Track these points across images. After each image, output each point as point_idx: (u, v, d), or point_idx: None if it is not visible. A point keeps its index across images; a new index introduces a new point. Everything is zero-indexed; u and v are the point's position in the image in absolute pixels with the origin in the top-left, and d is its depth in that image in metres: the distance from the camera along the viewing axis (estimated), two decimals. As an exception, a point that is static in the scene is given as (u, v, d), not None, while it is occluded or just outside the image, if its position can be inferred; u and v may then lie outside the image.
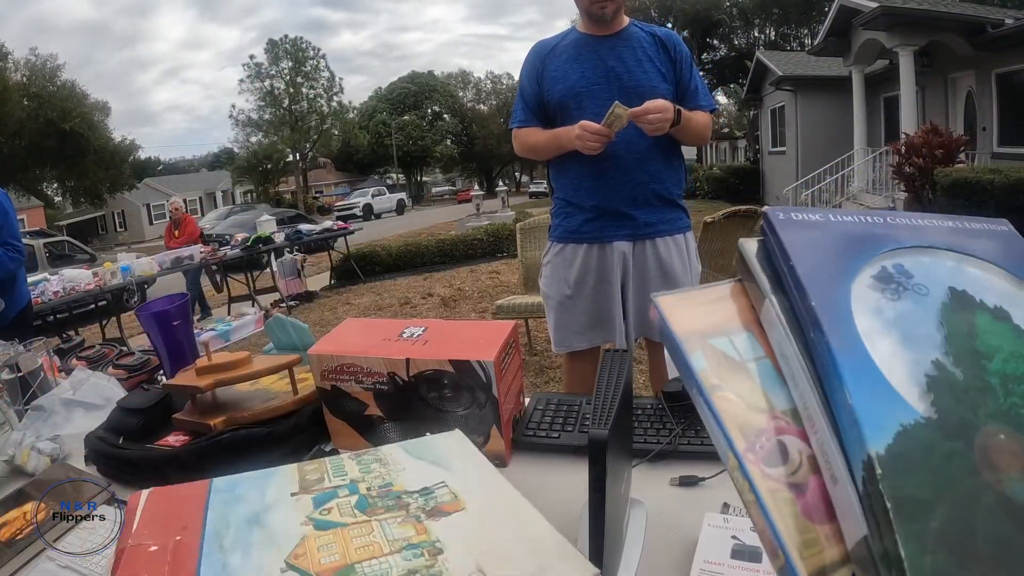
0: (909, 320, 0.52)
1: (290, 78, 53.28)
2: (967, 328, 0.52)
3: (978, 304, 0.54)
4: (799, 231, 0.59)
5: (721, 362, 0.61)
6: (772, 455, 0.56)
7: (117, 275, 8.32)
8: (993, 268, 0.58)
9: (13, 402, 1.88)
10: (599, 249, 2.73)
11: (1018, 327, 0.53)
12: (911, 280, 0.55)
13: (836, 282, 0.54)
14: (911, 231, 0.60)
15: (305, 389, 1.52)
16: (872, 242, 0.58)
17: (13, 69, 35.27)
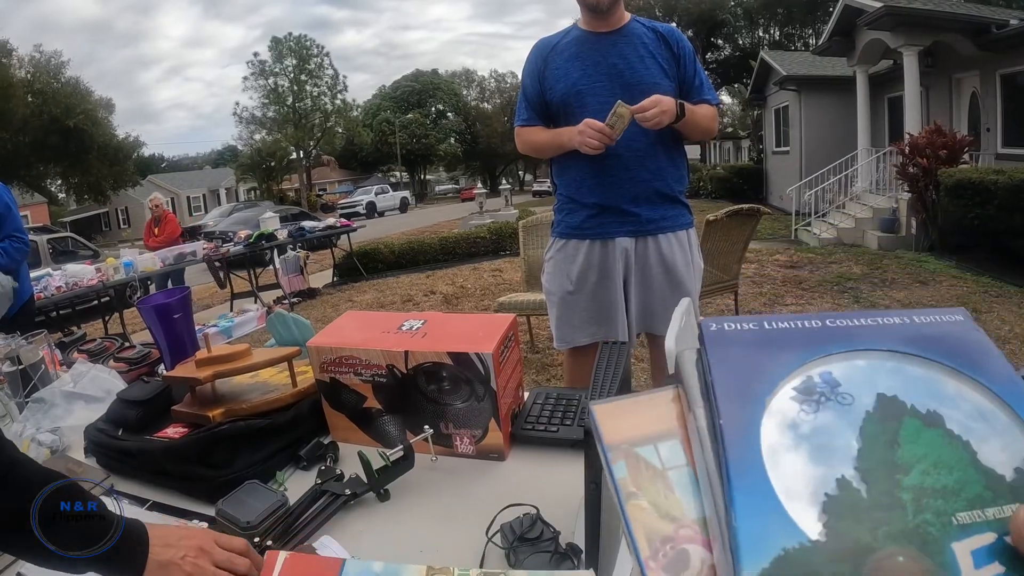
0: (825, 434, 0.52)
1: (294, 76, 53.31)
2: (889, 438, 0.52)
3: (908, 410, 0.54)
4: (727, 345, 0.61)
5: (642, 471, 0.63)
6: (673, 563, 0.58)
7: (120, 271, 8.33)
8: (937, 367, 0.58)
9: (14, 394, 1.89)
10: (601, 245, 2.73)
11: (950, 432, 0.52)
12: (837, 389, 0.55)
13: (750, 399, 0.55)
14: (848, 334, 0.61)
15: (304, 382, 1.52)
16: (803, 348, 0.59)
17: (17, 66, 35.31)
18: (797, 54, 24.25)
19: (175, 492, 1.36)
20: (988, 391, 0.56)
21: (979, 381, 0.56)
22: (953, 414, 0.53)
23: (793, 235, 14.21)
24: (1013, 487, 0.48)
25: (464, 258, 13.36)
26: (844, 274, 8.94)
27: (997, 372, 0.57)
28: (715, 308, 7.13)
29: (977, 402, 0.55)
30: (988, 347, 0.61)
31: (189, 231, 25.53)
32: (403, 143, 58.93)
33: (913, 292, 7.71)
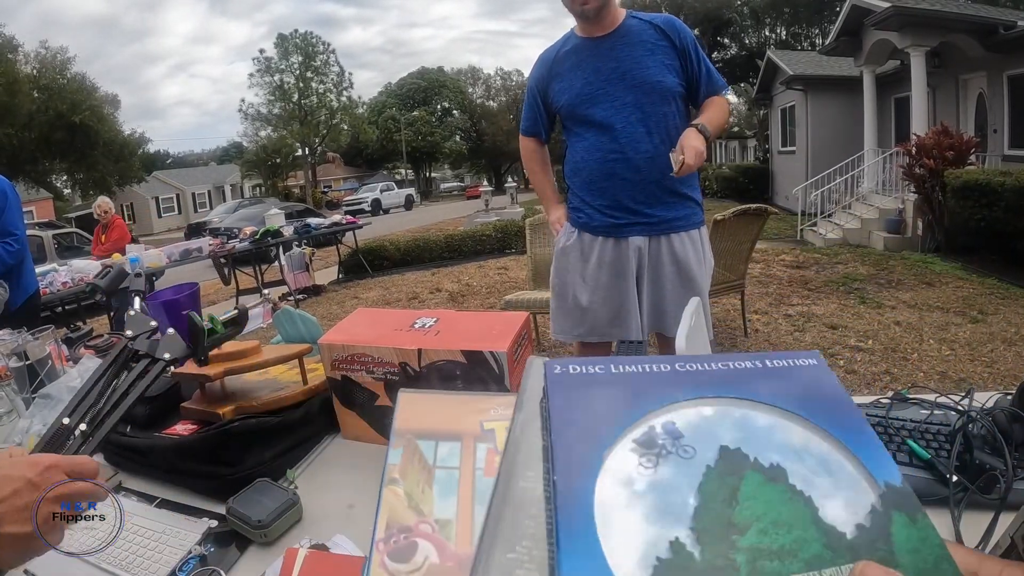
0: (662, 491, 0.51)
1: (300, 73, 53.31)
2: (728, 493, 0.51)
3: (751, 464, 0.53)
4: (571, 390, 0.59)
5: (414, 462, 0.68)
6: (400, 551, 0.64)
7: (125, 266, 8.31)
8: (787, 416, 0.57)
9: (20, 390, 1.88)
10: (614, 243, 2.75)
11: (792, 488, 0.51)
12: (679, 441, 0.54)
13: (587, 453, 0.53)
14: (699, 380, 0.60)
15: (315, 379, 1.51)
16: (648, 396, 0.58)
17: (23, 62, 35.32)
18: (804, 54, 24.23)
19: (184, 490, 1.35)
20: (836, 441, 0.55)
21: (825, 430, 0.56)
22: (797, 468, 0.53)
23: (799, 235, 14.19)
24: (853, 545, 0.48)
25: (470, 256, 13.36)
26: (850, 275, 8.91)
27: (846, 421, 0.57)
28: (721, 308, 7.12)
29: (824, 453, 0.54)
30: (839, 394, 0.60)
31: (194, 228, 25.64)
32: (408, 140, 58.92)
33: (919, 293, 7.68)
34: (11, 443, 1.56)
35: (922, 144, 10.78)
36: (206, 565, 1.11)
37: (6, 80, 30.88)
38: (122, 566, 1.11)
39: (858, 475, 0.52)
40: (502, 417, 0.72)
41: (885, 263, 9.69)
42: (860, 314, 6.89)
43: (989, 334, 5.94)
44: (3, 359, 1.95)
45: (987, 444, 1.08)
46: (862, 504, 0.50)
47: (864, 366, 5.32)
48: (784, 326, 6.60)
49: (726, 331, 6.54)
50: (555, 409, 0.57)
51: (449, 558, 0.60)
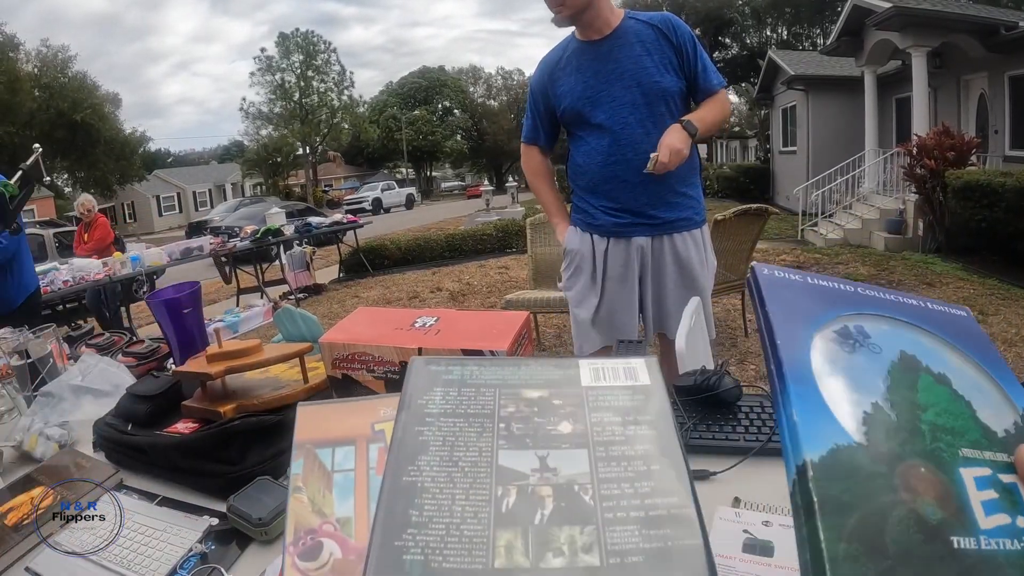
0: (859, 370, 0.59)
1: (301, 71, 53.35)
2: (910, 383, 0.59)
3: (923, 368, 0.61)
4: (779, 287, 0.67)
5: (315, 470, 0.75)
6: (309, 551, 0.72)
7: (126, 265, 8.33)
8: (944, 342, 0.65)
9: (22, 388, 1.89)
10: (615, 242, 2.75)
11: (955, 392, 0.60)
12: (868, 339, 0.62)
13: (800, 328, 0.62)
14: (877, 302, 0.68)
15: (315, 378, 1.52)
16: (839, 304, 0.66)
17: (25, 60, 35.35)
18: (805, 54, 24.23)
19: (185, 488, 1.36)
20: (982, 370, 0.64)
21: (975, 360, 0.64)
22: (957, 380, 0.61)
23: (799, 235, 14.20)
24: (1003, 441, 0.57)
25: (470, 255, 13.38)
26: (850, 275, 8.91)
27: (990, 359, 0.65)
28: (721, 308, 7.12)
29: (975, 377, 0.63)
30: (984, 337, 0.69)
31: (195, 226, 25.64)
32: (409, 140, 58.93)
33: (919, 293, 7.66)
34: (13, 441, 1.57)
35: (923, 144, 10.78)
36: (207, 563, 1.11)
37: (7, 78, 30.90)
38: (123, 564, 1.12)
39: (1001, 399, 0.61)
40: (391, 417, 0.76)
41: (886, 263, 9.70)
42: (860, 314, 6.89)
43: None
44: (5, 357, 1.95)
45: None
46: (1007, 416, 0.59)
47: (864, 366, 5.31)
48: (784, 326, 6.59)
49: (726, 331, 6.55)
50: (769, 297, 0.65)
51: (351, 551, 0.67)
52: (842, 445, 0.52)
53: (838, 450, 0.52)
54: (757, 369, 5.36)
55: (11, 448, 1.56)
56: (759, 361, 5.58)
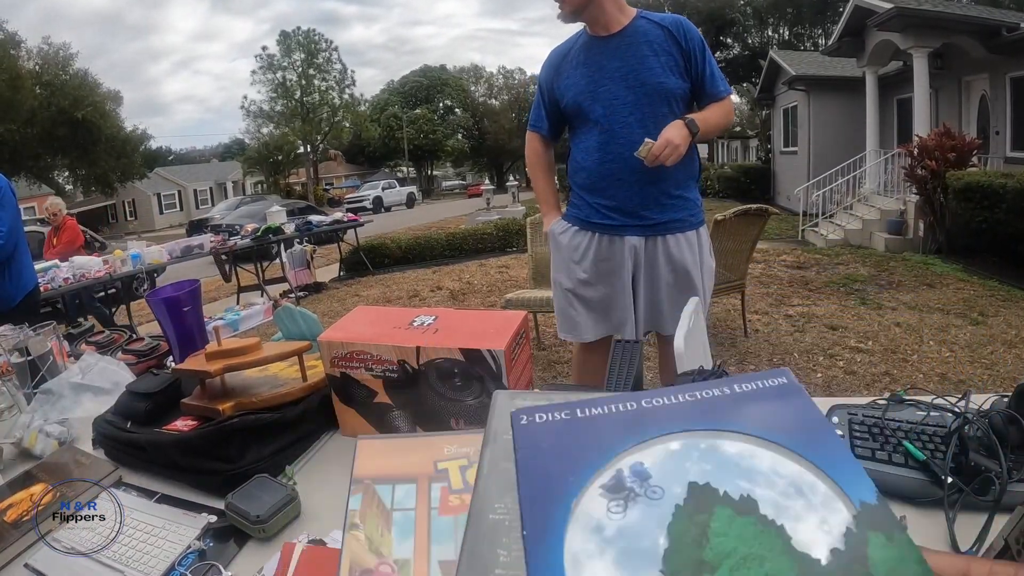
0: (631, 535, 0.50)
1: (302, 70, 53.36)
2: (698, 533, 0.50)
3: (720, 498, 0.52)
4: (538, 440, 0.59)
5: (373, 507, 0.72)
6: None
7: (127, 263, 8.34)
8: (754, 441, 0.56)
9: (22, 385, 1.89)
10: (609, 241, 2.76)
11: (763, 518, 0.51)
12: (647, 483, 0.54)
13: (556, 503, 0.53)
14: (663, 416, 0.60)
15: (314, 376, 1.52)
16: (614, 441, 0.57)
17: (26, 57, 35.36)
18: (807, 54, 24.24)
19: (184, 485, 1.36)
20: (807, 462, 0.54)
21: (797, 453, 0.55)
22: (768, 494, 0.52)
23: (800, 236, 14.20)
24: (828, 571, 0.47)
25: (471, 254, 13.40)
26: (851, 275, 8.92)
27: (818, 440, 0.56)
28: (721, 308, 7.12)
29: (794, 475, 0.54)
30: (810, 413, 0.59)
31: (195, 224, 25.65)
32: (410, 138, 58.94)
33: (919, 294, 7.69)
34: (12, 438, 1.57)
35: (924, 145, 10.79)
36: (205, 560, 1.11)
37: (8, 76, 30.92)
38: (121, 561, 1.12)
39: (831, 494, 0.52)
40: (456, 456, 0.75)
41: (886, 264, 9.70)
42: (860, 315, 6.90)
43: (989, 336, 5.94)
44: (5, 354, 1.95)
45: (983, 446, 1.08)
46: (836, 525, 0.50)
47: (864, 367, 5.33)
48: (784, 326, 6.61)
49: (726, 331, 6.55)
50: (522, 464, 0.57)
51: None
52: None
53: None
54: (756, 369, 5.36)
55: (11, 445, 1.56)
56: (758, 361, 5.59)
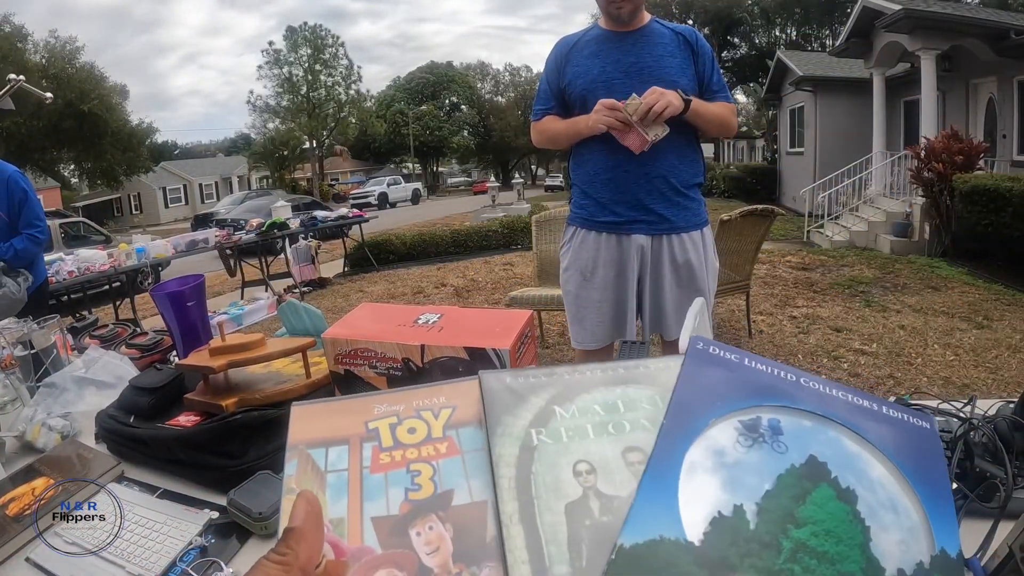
0: (744, 468, 0.57)
1: (308, 65, 53.37)
2: (799, 493, 0.56)
3: (830, 478, 0.58)
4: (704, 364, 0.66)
5: (308, 471, 0.72)
6: None
7: (132, 256, 8.36)
8: (879, 456, 0.61)
9: (25, 378, 1.89)
10: (616, 240, 2.75)
11: (856, 512, 0.56)
12: (777, 437, 0.60)
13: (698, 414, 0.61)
14: (814, 397, 0.65)
15: (318, 373, 1.52)
16: (764, 393, 0.64)
17: (33, 51, 35.38)
18: (814, 55, 24.20)
19: (186, 481, 1.36)
20: (912, 494, 0.59)
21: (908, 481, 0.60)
22: (868, 497, 0.57)
23: (805, 237, 14.19)
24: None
25: (475, 251, 13.42)
26: (856, 277, 8.91)
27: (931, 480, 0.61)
28: (726, 308, 7.12)
29: (896, 494, 0.59)
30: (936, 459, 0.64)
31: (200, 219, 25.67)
32: (416, 135, 58.92)
33: (925, 297, 7.67)
34: (15, 431, 1.57)
35: (931, 148, 10.77)
36: (206, 556, 1.11)
37: (15, 69, 30.78)
38: (123, 556, 1.12)
39: (921, 527, 0.57)
40: (385, 414, 0.76)
41: (891, 266, 9.69)
42: (865, 317, 6.89)
43: (994, 340, 5.93)
44: (8, 347, 1.95)
45: (988, 452, 1.08)
46: (914, 553, 0.55)
47: (868, 370, 5.31)
48: (788, 328, 6.60)
49: (730, 331, 6.54)
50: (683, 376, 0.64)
51: (343, 553, 0.64)
52: (668, 539, 0.51)
53: (660, 542, 0.51)
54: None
55: (13, 438, 1.56)
56: (762, 362, 5.57)
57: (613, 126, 2.55)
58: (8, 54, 31.26)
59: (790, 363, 5.44)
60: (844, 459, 0.59)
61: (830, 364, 5.49)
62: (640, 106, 2.48)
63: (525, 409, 0.67)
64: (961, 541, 0.96)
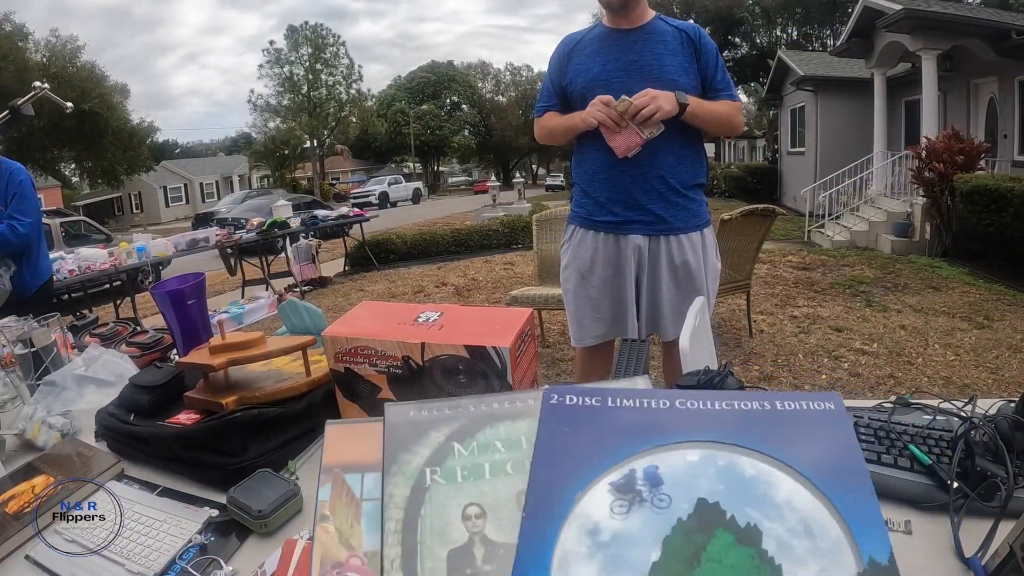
0: (625, 542, 0.50)
1: (309, 64, 53.38)
2: (692, 553, 0.50)
3: (726, 521, 0.51)
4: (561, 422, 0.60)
5: (342, 497, 0.70)
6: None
7: (132, 255, 8.36)
8: (778, 465, 0.55)
9: (25, 376, 1.89)
10: (614, 240, 2.74)
11: (764, 553, 0.50)
12: (657, 488, 0.53)
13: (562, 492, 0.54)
14: (699, 420, 0.59)
15: (318, 371, 1.51)
16: (637, 437, 0.57)
17: (33, 49, 35.37)
18: (815, 54, 24.21)
19: (186, 479, 1.36)
20: (828, 502, 0.53)
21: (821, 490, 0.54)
22: (775, 528, 0.51)
23: (806, 236, 14.19)
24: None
25: (476, 250, 13.43)
26: (856, 277, 8.90)
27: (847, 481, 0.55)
28: (727, 308, 7.12)
29: (809, 513, 0.52)
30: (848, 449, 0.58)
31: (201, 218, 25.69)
32: (417, 134, 58.91)
33: (925, 297, 7.67)
34: (15, 429, 1.57)
35: (932, 148, 10.76)
36: (206, 554, 1.11)
37: (16, 68, 30.89)
38: (122, 554, 1.12)
39: (842, 543, 0.51)
40: None
41: (892, 266, 9.68)
42: (866, 317, 6.88)
43: (995, 340, 5.93)
44: (9, 346, 1.95)
45: (989, 451, 1.07)
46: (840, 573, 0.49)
47: (868, 369, 5.31)
48: (789, 327, 6.60)
49: (731, 331, 6.54)
50: (540, 444, 0.58)
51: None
52: None
53: None
54: (760, 369, 5.36)
55: (13, 436, 1.56)
56: (763, 362, 5.58)
57: (603, 121, 2.55)
58: (9, 53, 31.24)
59: (791, 363, 5.49)
60: (740, 491, 0.53)
61: (831, 364, 5.49)
62: (629, 107, 2.48)
63: (423, 445, 0.65)
64: (962, 541, 0.96)
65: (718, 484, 0.53)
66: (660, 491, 0.53)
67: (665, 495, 0.52)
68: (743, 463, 0.55)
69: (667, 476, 0.54)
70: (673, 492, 0.53)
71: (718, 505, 0.52)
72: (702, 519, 0.51)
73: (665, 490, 0.53)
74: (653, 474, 0.54)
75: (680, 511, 0.51)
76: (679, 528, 0.50)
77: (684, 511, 0.51)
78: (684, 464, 0.55)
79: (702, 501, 0.52)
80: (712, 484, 0.53)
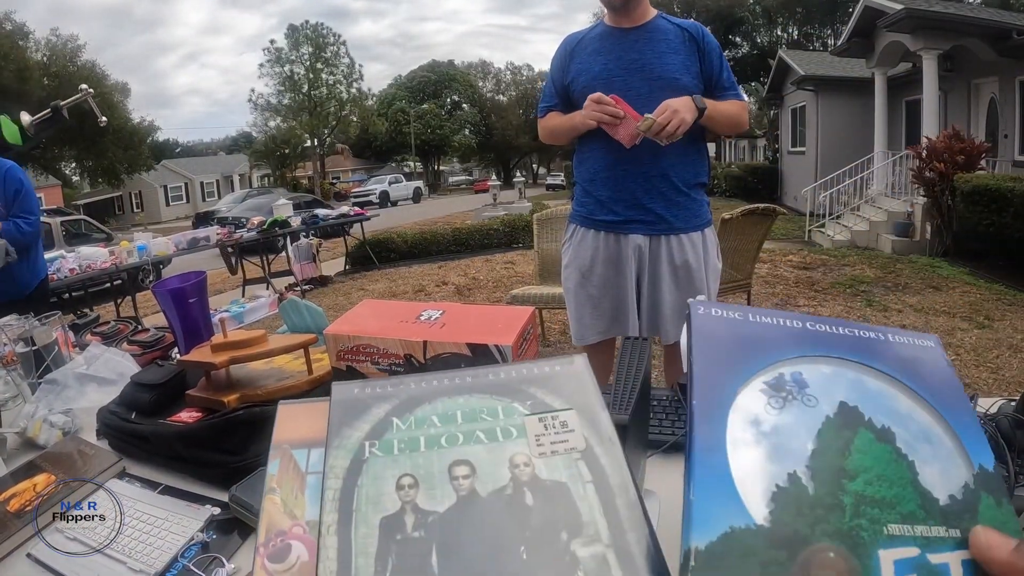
0: (784, 432, 0.56)
1: (310, 64, 53.35)
2: (842, 445, 0.56)
3: (865, 422, 0.57)
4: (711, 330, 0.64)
5: (289, 471, 0.76)
6: (278, 553, 0.74)
7: (133, 254, 8.36)
8: (899, 386, 0.62)
9: (27, 375, 1.89)
10: (615, 239, 2.73)
11: (898, 450, 0.56)
12: (804, 390, 0.59)
13: (724, 386, 0.59)
14: (826, 339, 0.65)
15: (320, 369, 1.52)
16: (781, 346, 0.63)
17: (34, 49, 35.38)
18: (815, 54, 24.21)
19: (188, 477, 1.36)
20: (939, 417, 0.60)
21: (932, 407, 0.61)
22: (903, 433, 0.57)
23: (807, 236, 14.18)
24: (944, 512, 0.52)
25: (477, 250, 13.42)
26: (857, 277, 8.90)
27: (952, 402, 0.62)
28: (727, 307, 7.10)
29: (926, 424, 0.59)
30: (949, 377, 0.65)
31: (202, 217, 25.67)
32: (418, 133, 58.89)
33: (926, 297, 7.67)
34: (17, 428, 1.57)
35: (933, 148, 10.76)
36: (208, 552, 1.11)
37: (17, 67, 30.91)
38: (124, 552, 1.12)
39: (955, 451, 0.57)
40: None
41: (892, 266, 9.68)
42: (866, 317, 6.88)
43: (995, 340, 5.92)
44: (10, 344, 1.95)
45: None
46: (956, 477, 0.55)
47: (869, 369, 5.30)
48: (790, 327, 6.58)
49: (731, 331, 6.53)
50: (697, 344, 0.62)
51: None
52: (738, 528, 0.50)
53: (732, 534, 0.49)
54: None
55: (15, 435, 1.56)
56: (764, 361, 5.57)
57: (602, 120, 2.53)
58: (9, 52, 31.23)
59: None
60: (872, 399, 0.59)
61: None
62: (652, 125, 2.44)
63: (365, 421, 0.67)
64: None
65: (853, 392, 0.60)
66: (807, 392, 0.59)
67: (812, 396, 0.58)
68: (869, 378, 0.62)
69: (811, 380, 0.60)
70: (818, 394, 0.59)
71: (857, 408, 0.58)
72: (845, 418, 0.57)
73: (811, 392, 0.59)
74: (799, 378, 0.60)
75: (826, 410, 0.57)
76: (828, 424, 0.56)
77: (830, 410, 0.57)
78: (822, 373, 0.61)
79: (843, 404, 0.58)
80: (848, 391, 0.60)
